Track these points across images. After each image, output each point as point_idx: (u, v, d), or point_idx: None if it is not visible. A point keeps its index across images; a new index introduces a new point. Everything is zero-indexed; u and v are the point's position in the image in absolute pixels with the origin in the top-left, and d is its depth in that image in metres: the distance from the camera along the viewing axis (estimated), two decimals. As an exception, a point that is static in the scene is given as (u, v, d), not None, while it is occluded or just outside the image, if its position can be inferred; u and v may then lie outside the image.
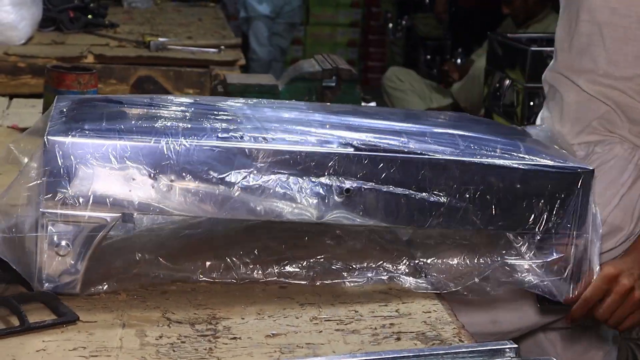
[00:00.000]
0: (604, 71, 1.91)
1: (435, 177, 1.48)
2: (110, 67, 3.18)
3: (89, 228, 1.37)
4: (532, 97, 3.57)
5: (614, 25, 1.89)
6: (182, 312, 1.39)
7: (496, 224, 1.51)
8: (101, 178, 1.36)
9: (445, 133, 1.60)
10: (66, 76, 2.26)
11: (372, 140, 1.50)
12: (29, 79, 3.07)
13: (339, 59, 2.60)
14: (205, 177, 1.39)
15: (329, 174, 1.44)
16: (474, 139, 1.59)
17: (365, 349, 1.31)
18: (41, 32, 3.68)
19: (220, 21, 4.61)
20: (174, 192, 1.39)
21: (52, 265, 1.37)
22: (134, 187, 1.37)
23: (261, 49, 7.48)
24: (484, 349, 1.23)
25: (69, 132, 1.38)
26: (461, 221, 1.50)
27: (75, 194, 1.36)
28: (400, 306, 1.46)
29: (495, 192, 1.50)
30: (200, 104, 1.66)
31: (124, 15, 4.57)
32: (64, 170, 1.35)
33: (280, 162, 1.42)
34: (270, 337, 1.33)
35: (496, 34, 4.16)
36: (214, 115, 1.56)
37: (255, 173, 1.41)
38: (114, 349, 1.26)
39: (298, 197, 1.43)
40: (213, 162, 1.40)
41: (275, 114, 1.62)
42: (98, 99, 1.63)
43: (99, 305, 1.39)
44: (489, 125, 1.84)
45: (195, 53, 3.44)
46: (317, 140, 1.48)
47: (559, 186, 1.53)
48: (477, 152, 1.53)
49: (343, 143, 1.48)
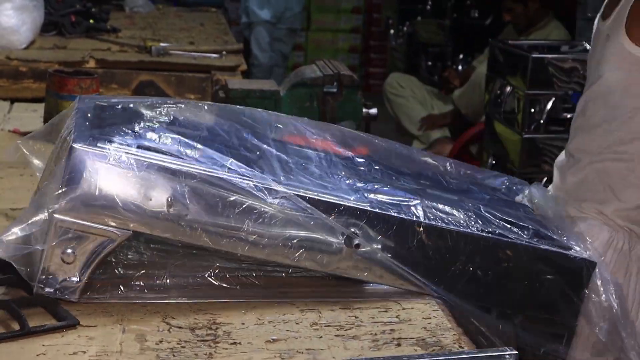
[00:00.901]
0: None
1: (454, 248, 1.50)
2: (111, 71, 3.18)
3: (97, 241, 1.37)
4: (533, 103, 3.58)
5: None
6: (182, 317, 1.39)
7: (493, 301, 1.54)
8: (118, 193, 1.36)
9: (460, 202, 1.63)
10: (68, 80, 2.27)
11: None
12: (30, 83, 3.08)
13: (341, 64, 2.61)
14: (221, 212, 1.40)
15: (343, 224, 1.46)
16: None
17: (365, 354, 1.31)
18: (43, 36, 3.68)
19: (222, 26, 4.61)
20: (187, 221, 1.39)
21: (56, 270, 1.37)
22: (149, 207, 1.37)
23: (263, 54, 7.49)
24: (484, 355, 1.23)
25: (94, 142, 1.38)
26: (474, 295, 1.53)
27: (90, 205, 1.36)
28: (400, 312, 1.46)
29: (497, 270, 1.53)
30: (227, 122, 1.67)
31: (125, 20, 4.57)
32: (84, 180, 1.35)
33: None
34: (271, 342, 1.33)
35: (497, 41, 4.17)
36: (240, 143, 1.57)
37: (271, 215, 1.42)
38: (114, 354, 1.26)
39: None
40: (230, 196, 1.40)
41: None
42: (123, 103, 1.61)
43: (99, 309, 1.39)
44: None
45: (197, 58, 3.44)
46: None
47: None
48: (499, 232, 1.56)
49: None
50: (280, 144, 1.66)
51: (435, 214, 1.52)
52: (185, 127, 1.59)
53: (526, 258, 1.53)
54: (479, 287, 1.52)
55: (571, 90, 3.66)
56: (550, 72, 3.56)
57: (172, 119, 1.61)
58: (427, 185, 1.67)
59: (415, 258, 1.49)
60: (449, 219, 1.52)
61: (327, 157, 1.68)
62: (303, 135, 1.74)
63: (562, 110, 3.69)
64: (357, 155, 1.73)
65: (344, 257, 1.46)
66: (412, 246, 1.49)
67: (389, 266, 1.48)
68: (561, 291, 1.56)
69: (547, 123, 3.58)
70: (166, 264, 1.49)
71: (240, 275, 1.50)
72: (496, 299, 1.53)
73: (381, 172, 1.65)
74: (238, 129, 1.65)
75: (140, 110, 1.60)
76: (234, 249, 1.42)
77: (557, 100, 3.60)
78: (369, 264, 1.47)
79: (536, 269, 1.54)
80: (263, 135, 1.66)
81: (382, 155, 1.76)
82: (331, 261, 1.46)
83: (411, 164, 1.76)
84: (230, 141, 1.57)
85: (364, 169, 1.65)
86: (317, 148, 1.72)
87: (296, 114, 2.45)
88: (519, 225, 1.59)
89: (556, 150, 3.59)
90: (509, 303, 1.55)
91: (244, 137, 1.63)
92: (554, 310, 1.57)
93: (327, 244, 1.45)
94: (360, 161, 1.70)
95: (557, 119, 3.66)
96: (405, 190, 1.57)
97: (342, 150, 1.73)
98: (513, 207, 1.69)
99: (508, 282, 1.53)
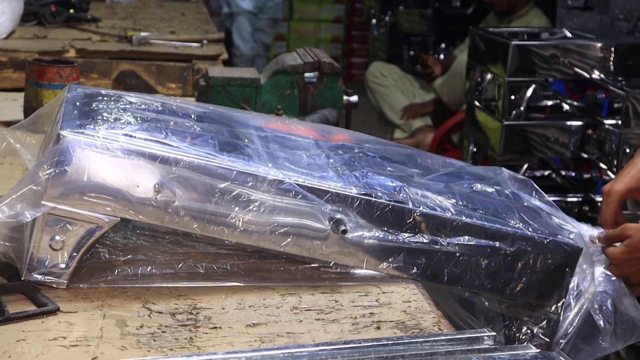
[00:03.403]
0: None
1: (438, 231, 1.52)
2: (92, 61, 3.17)
3: (85, 227, 1.38)
4: (513, 91, 3.59)
5: None
6: (162, 302, 1.39)
7: (485, 287, 1.55)
8: (106, 180, 1.37)
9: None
10: (47, 69, 2.26)
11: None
12: (10, 73, 3.06)
13: (322, 52, 2.60)
14: (210, 198, 1.40)
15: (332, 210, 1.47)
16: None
17: (345, 337, 1.32)
18: (23, 26, 3.66)
19: (203, 16, 4.60)
20: (175, 208, 1.39)
21: (44, 257, 1.37)
22: (136, 194, 1.38)
23: (244, 44, 7.48)
24: (463, 336, 1.24)
25: (82, 129, 1.39)
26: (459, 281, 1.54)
27: (78, 192, 1.36)
28: (380, 296, 1.47)
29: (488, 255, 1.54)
30: (214, 115, 1.67)
31: (106, 10, 4.55)
32: (72, 166, 1.35)
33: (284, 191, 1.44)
34: (251, 326, 1.34)
35: (478, 28, 4.17)
36: (228, 130, 1.58)
37: (261, 201, 1.43)
38: (94, 339, 1.26)
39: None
40: (218, 183, 1.41)
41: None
42: (112, 94, 1.62)
43: (79, 295, 1.39)
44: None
45: (178, 47, 3.43)
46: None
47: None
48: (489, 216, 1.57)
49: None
50: (267, 132, 1.66)
51: (422, 200, 1.53)
52: (174, 115, 1.59)
53: (513, 244, 1.54)
54: (465, 273, 1.52)
55: (551, 77, 3.67)
56: (530, 59, 3.57)
57: (161, 108, 1.61)
58: (413, 172, 1.67)
59: (402, 244, 1.49)
60: (435, 205, 1.53)
61: (313, 144, 1.68)
62: (287, 125, 1.75)
63: (542, 97, 3.71)
64: (342, 142, 1.74)
65: (331, 243, 1.47)
66: (399, 232, 1.49)
67: (374, 252, 1.49)
68: (547, 276, 1.57)
69: (528, 110, 3.59)
70: (151, 249, 1.50)
71: (220, 261, 1.50)
72: (483, 284, 1.54)
73: (366, 158, 1.66)
74: (226, 118, 1.66)
75: (128, 99, 1.61)
76: (221, 235, 1.43)
77: (537, 87, 3.61)
78: (355, 250, 1.48)
79: (523, 254, 1.55)
80: (250, 125, 1.67)
81: (362, 143, 1.77)
82: (318, 247, 1.47)
83: (394, 152, 1.77)
84: (219, 129, 1.58)
85: (349, 155, 1.65)
86: (302, 135, 1.73)
87: (277, 101, 2.46)
88: (505, 211, 1.60)
89: (536, 137, 3.61)
90: (495, 288, 1.56)
91: (232, 125, 1.63)
92: (540, 296, 1.58)
93: (314, 231, 1.46)
94: (346, 147, 1.71)
95: (537, 106, 3.67)
96: (392, 177, 1.58)
97: (323, 136, 1.74)
98: (499, 194, 1.70)
99: (495, 267, 1.54)
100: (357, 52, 9.38)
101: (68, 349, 1.23)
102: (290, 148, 1.61)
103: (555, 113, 3.68)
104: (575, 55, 3.59)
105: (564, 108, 3.68)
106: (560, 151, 3.61)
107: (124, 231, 1.53)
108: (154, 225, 1.42)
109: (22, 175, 1.98)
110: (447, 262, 1.52)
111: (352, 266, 1.50)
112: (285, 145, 1.62)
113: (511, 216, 1.59)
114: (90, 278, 1.43)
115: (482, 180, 1.74)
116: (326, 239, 1.47)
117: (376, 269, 1.50)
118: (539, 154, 3.66)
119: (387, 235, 1.49)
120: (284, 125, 1.75)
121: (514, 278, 1.56)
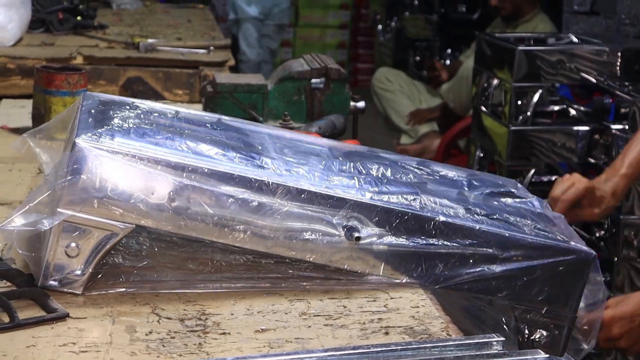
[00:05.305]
0: None
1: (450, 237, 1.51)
2: (99, 68, 3.18)
3: (100, 235, 1.38)
4: (520, 96, 3.59)
5: None
6: (171, 308, 1.39)
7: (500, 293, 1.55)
8: (122, 187, 1.37)
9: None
10: (55, 76, 2.27)
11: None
12: (18, 79, 3.07)
13: (328, 58, 2.61)
14: (225, 205, 1.41)
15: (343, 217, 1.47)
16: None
17: (353, 343, 1.32)
18: (30, 33, 3.68)
19: (209, 22, 4.62)
20: (190, 215, 1.40)
21: (60, 264, 1.38)
22: (151, 202, 1.38)
23: (250, 50, 7.50)
24: (472, 342, 1.24)
25: (97, 137, 1.39)
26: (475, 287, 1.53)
27: (93, 199, 1.36)
28: (388, 301, 1.47)
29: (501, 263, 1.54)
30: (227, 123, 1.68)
31: (113, 16, 4.57)
32: (88, 174, 1.36)
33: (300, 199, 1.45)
34: (260, 332, 1.34)
35: (484, 34, 4.18)
36: (242, 139, 1.58)
37: (275, 208, 1.43)
38: (103, 345, 1.27)
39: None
40: (233, 190, 1.41)
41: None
42: (126, 102, 1.63)
43: (88, 301, 1.40)
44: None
45: (185, 54, 3.44)
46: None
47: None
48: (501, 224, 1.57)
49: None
50: (280, 139, 1.67)
51: (438, 208, 1.53)
52: (188, 122, 1.60)
53: (527, 250, 1.54)
54: (480, 280, 1.53)
55: (558, 82, 3.67)
56: (536, 64, 3.58)
57: (176, 116, 1.62)
58: (426, 180, 1.67)
59: (416, 250, 1.50)
60: (449, 212, 1.53)
61: (327, 150, 1.69)
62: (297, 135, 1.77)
63: (548, 103, 3.71)
64: (355, 148, 1.75)
65: (344, 250, 1.47)
66: (415, 239, 1.49)
67: (388, 258, 1.49)
68: (561, 283, 1.57)
69: (534, 115, 3.60)
70: (162, 255, 1.50)
71: (230, 266, 1.51)
72: (496, 290, 1.54)
73: (379, 165, 1.66)
74: (239, 127, 1.67)
75: (143, 107, 1.62)
76: (235, 242, 1.43)
77: (543, 92, 3.61)
78: (368, 257, 1.48)
79: (537, 261, 1.54)
80: (263, 132, 1.68)
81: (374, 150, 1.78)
82: (331, 253, 1.47)
83: (405, 159, 1.77)
84: (233, 136, 1.59)
85: (363, 161, 1.66)
86: (315, 141, 1.74)
87: (284, 107, 2.46)
88: (519, 218, 1.60)
89: (543, 142, 3.61)
90: (509, 295, 1.56)
91: (246, 133, 1.64)
92: (554, 302, 1.58)
93: (328, 237, 1.46)
94: (358, 153, 1.71)
95: (543, 111, 3.67)
96: (405, 184, 1.58)
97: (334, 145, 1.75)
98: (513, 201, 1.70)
99: (508, 274, 1.54)
100: (362, 58, 9.39)
101: (78, 354, 1.24)
102: (304, 154, 1.61)
103: (562, 118, 3.69)
104: (582, 60, 3.59)
105: (571, 113, 3.68)
106: (567, 156, 3.61)
107: (136, 237, 1.54)
108: (167, 233, 1.43)
109: (30, 181, 1.99)
110: (462, 268, 1.52)
111: (367, 273, 1.50)
112: (299, 151, 1.62)
113: (525, 223, 1.59)
114: (100, 284, 1.43)
115: (495, 188, 1.74)
116: (340, 246, 1.47)
117: (392, 276, 1.51)
118: (546, 159, 3.66)
119: (402, 242, 1.49)
120: (297, 132, 1.76)
121: (528, 284, 1.56)
